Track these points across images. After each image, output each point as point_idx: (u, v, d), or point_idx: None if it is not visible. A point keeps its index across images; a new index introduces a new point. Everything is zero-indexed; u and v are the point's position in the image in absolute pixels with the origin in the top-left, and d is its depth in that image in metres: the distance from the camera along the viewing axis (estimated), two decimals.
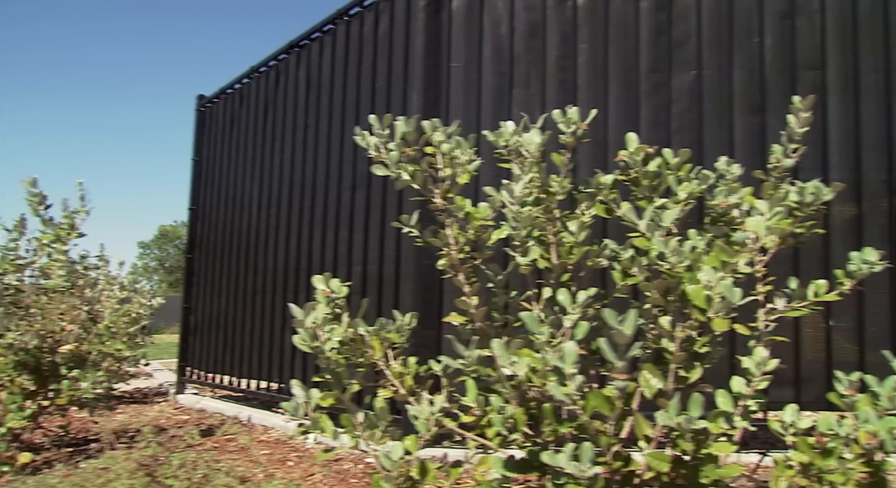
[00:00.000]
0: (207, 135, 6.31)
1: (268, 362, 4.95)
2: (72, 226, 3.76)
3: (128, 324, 4.30)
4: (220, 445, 3.79)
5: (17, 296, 3.79)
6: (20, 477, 3.15)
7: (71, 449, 3.75)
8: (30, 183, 3.69)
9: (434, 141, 2.11)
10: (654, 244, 1.72)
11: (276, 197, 5.07)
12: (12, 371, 3.45)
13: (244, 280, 5.42)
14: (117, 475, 2.59)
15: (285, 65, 5.17)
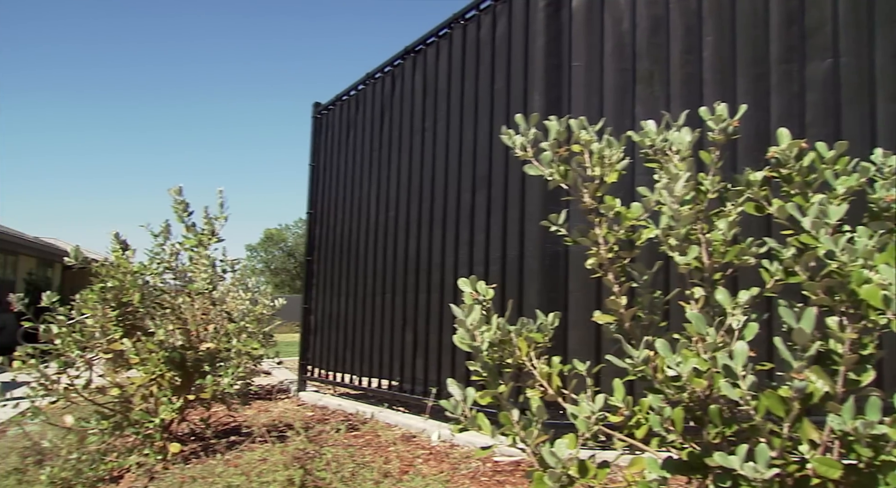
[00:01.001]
0: (324, 141, 6.54)
1: (388, 361, 5.08)
2: (212, 232, 4.00)
3: (255, 324, 4.51)
4: (351, 441, 3.92)
5: (162, 297, 4.05)
6: (179, 464, 3.38)
7: (214, 440, 3.98)
8: (175, 191, 3.95)
9: (582, 140, 2.12)
10: (822, 242, 1.66)
11: (394, 199, 5.20)
12: (163, 366, 3.69)
13: (363, 281, 5.58)
14: (274, 465, 2.73)
15: (401, 70, 5.29)
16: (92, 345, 3.73)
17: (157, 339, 3.70)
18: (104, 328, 3.77)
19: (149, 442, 3.72)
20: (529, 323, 2.12)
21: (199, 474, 2.91)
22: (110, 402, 3.84)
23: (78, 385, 3.61)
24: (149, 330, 3.79)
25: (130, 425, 3.77)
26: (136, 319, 3.84)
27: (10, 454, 4.25)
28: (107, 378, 3.88)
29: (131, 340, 3.72)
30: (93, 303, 3.76)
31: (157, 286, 4.01)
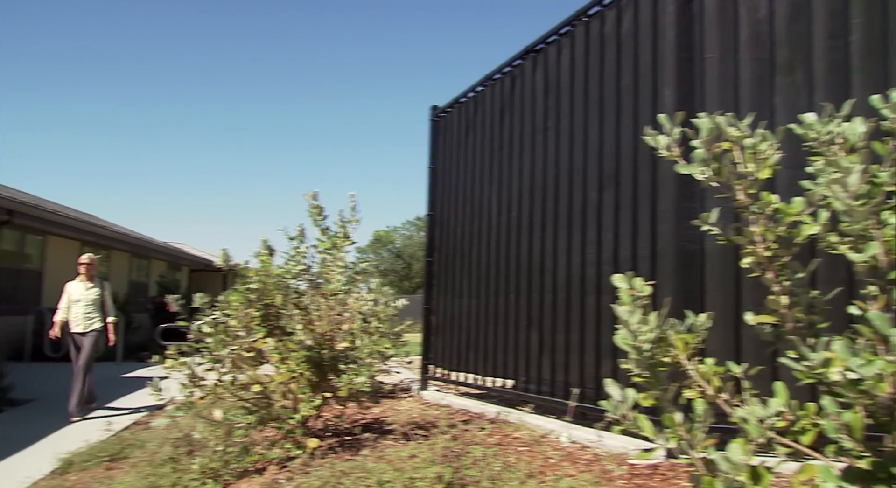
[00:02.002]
0: (442, 143, 6.64)
1: (512, 361, 5.09)
2: (345, 235, 4.14)
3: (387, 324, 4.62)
4: (481, 440, 3.95)
5: (299, 298, 4.23)
6: (318, 459, 3.52)
7: (349, 437, 4.12)
8: (311, 196, 4.12)
9: (732, 136, 2.05)
10: None
11: (516, 200, 5.20)
12: (303, 365, 3.85)
13: (485, 281, 5.61)
14: (423, 462, 2.80)
15: (521, 70, 5.29)
16: (237, 343, 3.94)
17: (296, 339, 3.87)
18: (248, 327, 3.97)
19: (290, 437, 3.89)
20: (678, 323, 2.08)
21: (348, 469, 3.02)
22: (253, 398, 4.05)
23: (226, 381, 3.82)
24: (288, 329, 3.97)
25: (273, 420, 3.96)
26: (277, 319, 4.03)
27: (165, 444, 4.55)
28: (248, 375, 4.09)
29: (274, 339, 3.90)
30: (237, 304, 3.97)
31: (295, 288, 4.19)
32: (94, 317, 7.80)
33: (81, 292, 7.84)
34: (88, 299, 7.82)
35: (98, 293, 7.91)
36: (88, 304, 7.81)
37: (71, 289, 7.92)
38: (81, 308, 7.78)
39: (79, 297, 7.81)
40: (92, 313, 7.79)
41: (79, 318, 7.75)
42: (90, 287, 7.90)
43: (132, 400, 9.26)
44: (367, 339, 4.19)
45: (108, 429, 6.96)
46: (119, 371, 12.53)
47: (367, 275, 4.68)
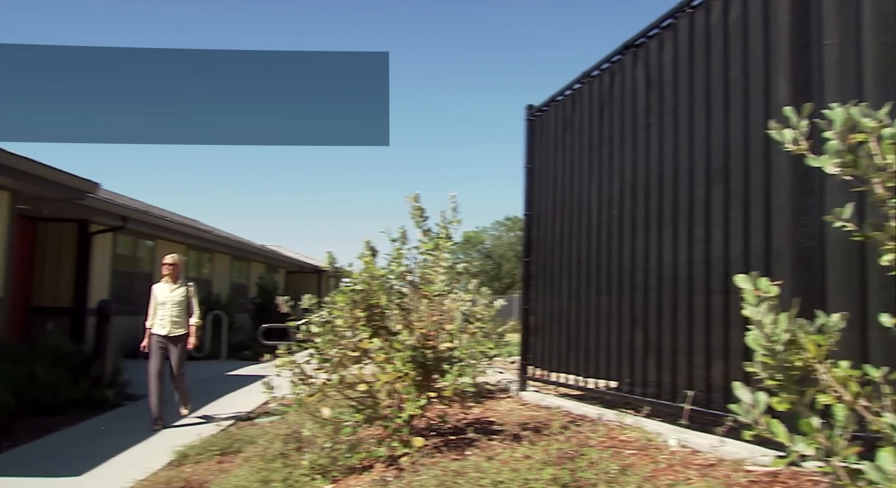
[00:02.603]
0: (539, 142, 6.59)
1: (615, 362, 4.99)
2: (448, 236, 4.17)
3: (490, 324, 4.63)
4: (596, 443, 3.88)
5: (402, 299, 4.28)
6: (424, 458, 3.56)
7: (453, 437, 4.15)
8: (413, 198, 4.17)
9: (867, 126, 1.93)
10: None
11: (617, 197, 5.10)
12: (408, 364, 3.90)
13: (585, 281, 5.53)
14: (539, 463, 2.79)
15: (620, 66, 5.18)
16: (343, 344, 4.03)
17: (401, 339, 3.92)
18: (353, 327, 4.05)
19: (396, 436, 3.94)
20: (807, 324, 1.97)
21: (460, 468, 3.03)
22: (359, 397, 4.13)
23: (334, 380, 3.92)
24: (392, 330, 4.03)
25: (379, 419, 4.03)
26: (381, 320, 4.10)
27: (275, 441, 4.71)
28: (354, 374, 4.17)
29: (380, 340, 3.97)
30: (342, 305, 4.06)
31: (398, 288, 4.25)
32: (179, 320, 7.65)
33: (166, 294, 7.67)
34: (173, 301, 7.64)
35: (183, 294, 7.72)
36: (174, 306, 7.63)
37: (156, 291, 7.76)
38: (167, 310, 7.61)
39: (164, 299, 7.64)
40: (177, 316, 7.63)
41: (164, 321, 7.59)
42: (175, 288, 7.71)
43: (237, 397, 9.65)
44: (470, 340, 4.20)
45: (218, 425, 7.28)
46: (223, 369, 13.09)
47: (467, 276, 4.69)
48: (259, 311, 19.71)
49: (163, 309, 7.58)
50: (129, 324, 12.98)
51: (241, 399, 9.45)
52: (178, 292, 7.67)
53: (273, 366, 4.39)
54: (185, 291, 7.73)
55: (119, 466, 5.87)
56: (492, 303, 5.73)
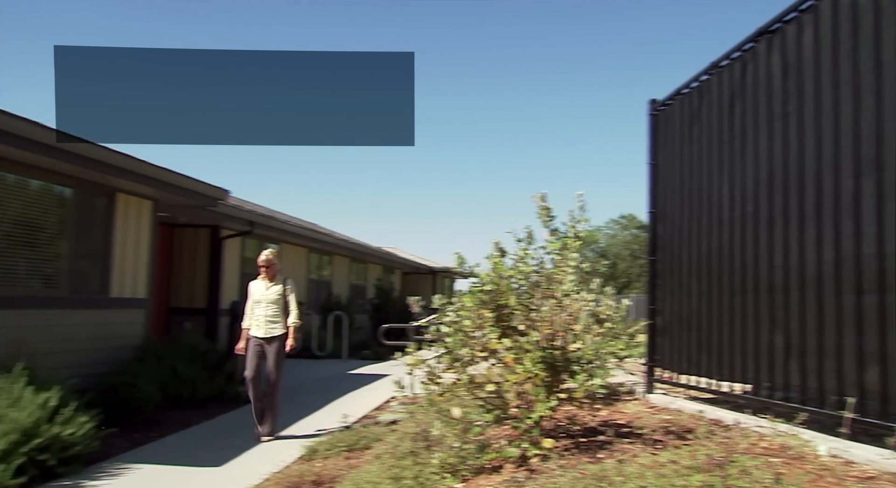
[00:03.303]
0: (663, 137, 6.38)
1: (753, 365, 4.75)
2: (576, 235, 4.11)
3: (621, 324, 4.52)
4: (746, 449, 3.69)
5: (531, 299, 4.25)
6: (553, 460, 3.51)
7: (583, 439, 4.08)
8: (540, 198, 4.14)
9: None
10: None
11: (752, 192, 4.85)
12: (538, 365, 3.87)
13: (717, 280, 5.30)
14: (686, 468, 2.70)
15: (753, 54, 4.93)
16: (472, 344, 4.05)
17: (531, 339, 3.89)
18: (481, 328, 4.06)
19: (526, 437, 3.91)
20: None
21: (599, 471, 2.97)
22: (487, 397, 4.13)
23: (463, 379, 3.94)
24: (521, 330, 4.01)
25: (508, 419, 4.01)
26: (510, 320, 4.08)
27: (405, 439, 4.79)
28: (483, 374, 4.17)
29: (510, 340, 3.96)
30: (470, 305, 4.08)
31: (526, 289, 4.23)
32: (276, 320, 7.11)
33: (262, 292, 7.16)
34: (269, 300, 7.10)
35: (279, 292, 7.16)
36: (270, 305, 7.10)
37: (252, 289, 7.29)
38: (262, 310, 7.09)
39: (259, 298, 7.14)
40: (274, 316, 7.10)
41: (259, 321, 7.08)
42: (270, 286, 7.16)
43: (359, 395, 9.93)
44: (599, 340, 4.11)
45: (344, 422, 7.50)
46: (345, 367, 13.51)
47: (594, 276, 4.60)
48: (377, 312, 20.23)
49: (258, 308, 7.12)
50: None
51: (363, 397, 9.72)
52: (274, 290, 7.15)
53: (396, 364, 4.47)
54: (282, 289, 7.20)
55: (254, 459, 6.17)
56: (619, 303, 5.60)
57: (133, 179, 8.27)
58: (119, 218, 8.88)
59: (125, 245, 9.01)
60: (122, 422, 7.11)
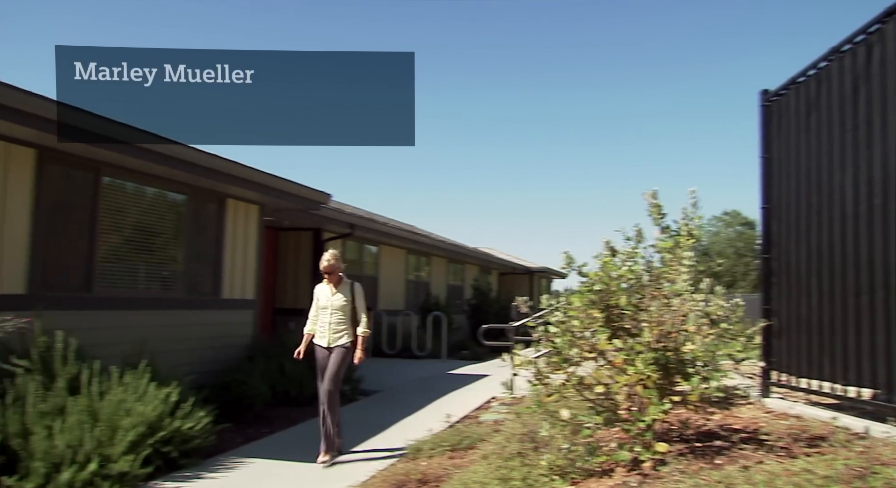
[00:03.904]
0: (776, 129, 6.08)
1: (884, 369, 4.44)
2: (689, 233, 3.96)
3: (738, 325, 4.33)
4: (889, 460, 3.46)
5: (641, 299, 4.13)
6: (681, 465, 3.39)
7: (698, 444, 3.92)
8: (651, 195, 4.02)
9: None
10: None
11: (880, 185, 4.54)
12: (650, 366, 3.75)
13: (840, 278, 4.99)
14: (822, 478, 2.54)
15: (879, 36, 4.62)
16: (579, 344, 3.97)
17: (643, 340, 3.78)
18: (589, 328, 3.98)
19: (638, 440, 3.80)
20: None
21: (724, 478, 2.85)
22: (597, 398, 4.04)
23: (572, 381, 3.87)
24: (632, 331, 3.90)
25: (618, 421, 3.91)
26: (620, 321, 3.98)
27: (512, 440, 4.76)
28: (592, 375, 4.09)
29: (620, 341, 3.86)
30: (578, 305, 4.00)
31: (636, 288, 4.11)
32: (341, 328, 6.38)
33: (327, 298, 6.46)
34: (335, 306, 6.40)
35: (346, 299, 6.43)
36: (335, 312, 6.39)
37: (317, 293, 6.59)
38: (327, 317, 6.40)
39: (325, 304, 6.45)
40: (339, 323, 6.38)
41: (323, 329, 6.41)
42: (336, 292, 6.46)
43: (459, 395, 9.96)
44: (714, 341, 3.95)
45: (447, 421, 7.54)
46: (444, 368, 13.60)
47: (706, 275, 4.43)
48: (475, 312, 20.28)
49: (324, 315, 6.42)
50: None
51: (463, 397, 9.74)
52: (340, 296, 6.42)
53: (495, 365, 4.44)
54: (349, 295, 6.45)
55: (360, 456, 6.29)
56: (732, 303, 5.37)
57: (242, 185, 8.63)
58: (229, 222, 9.27)
59: (234, 248, 9.41)
60: (234, 418, 7.40)
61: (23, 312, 5.42)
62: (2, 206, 6.20)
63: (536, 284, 27.76)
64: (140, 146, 6.76)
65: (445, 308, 17.41)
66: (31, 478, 4.75)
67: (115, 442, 5.18)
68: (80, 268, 7.04)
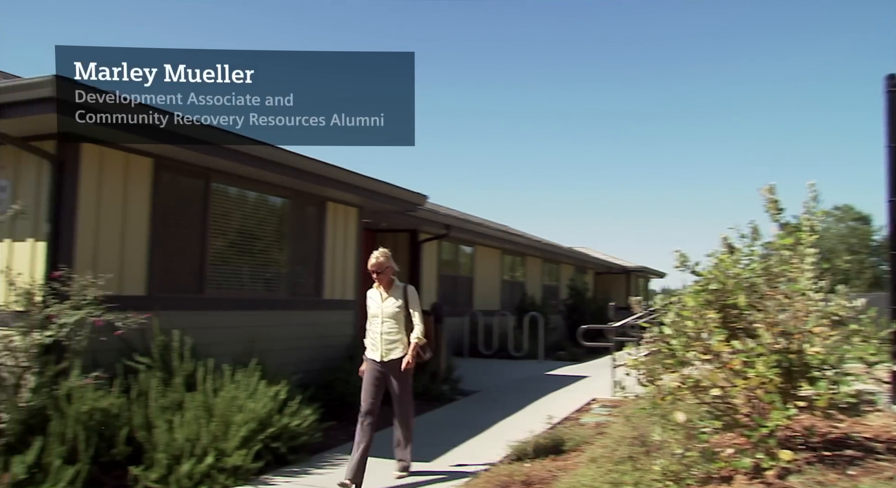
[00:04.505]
0: None
1: None
2: (811, 229, 3.74)
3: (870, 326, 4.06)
4: None
5: (760, 299, 3.93)
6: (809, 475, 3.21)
7: (827, 453, 3.70)
8: (767, 190, 3.82)
9: None
10: None
11: None
12: (773, 369, 3.56)
13: None
14: None
15: None
16: (693, 346, 3.81)
17: (765, 342, 3.59)
18: (704, 329, 3.82)
19: (761, 447, 3.62)
20: None
21: None
22: (713, 402, 3.88)
23: (688, 383, 3.72)
24: (752, 332, 3.71)
25: (738, 427, 3.74)
26: (738, 321, 3.80)
27: (621, 444, 4.64)
28: (707, 378, 3.92)
29: (740, 342, 3.68)
30: (693, 306, 3.85)
31: (755, 287, 3.91)
32: (396, 339, 5.51)
33: (377, 304, 5.60)
34: (387, 313, 5.52)
35: (398, 305, 5.54)
36: (387, 320, 5.52)
37: (369, 300, 5.73)
38: (378, 326, 5.54)
39: (375, 312, 5.59)
40: (393, 333, 5.51)
41: (375, 341, 5.55)
42: (387, 297, 5.57)
43: (559, 396, 9.82)
44: (837, 343, 3.71)
45: (548, 422, 7.44)
46: (542, 369, 13.46)
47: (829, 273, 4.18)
48: (571, 312, 20.01)
49: (374, 324, 5.57)
50: (455, 324, 14.01)
51: (562, 398, 9.61)
52: (392, 302, 5.55)
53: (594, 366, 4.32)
54: (402, 300, 5.57)
55: (461, 456, 6.28)
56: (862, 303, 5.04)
57: (342, 188, 8.82)
58: (329, 225, 9.49)
59: (335, 250, 9.62)
60: (337, 416, 7.54)
61: (143, 312, 5.71)
62: (124, 213, 6.58)
63: (633, 284, 27.12)
64: (247, 152, 7.00)
65: (541, 308, 17.26)
66: (154, 469, 4.99)
67: (228, 437, 5.38)
68: (193, 270, 7.37)
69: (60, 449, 4.71)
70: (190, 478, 4.99)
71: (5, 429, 4.78)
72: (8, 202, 6.09)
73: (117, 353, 5.92)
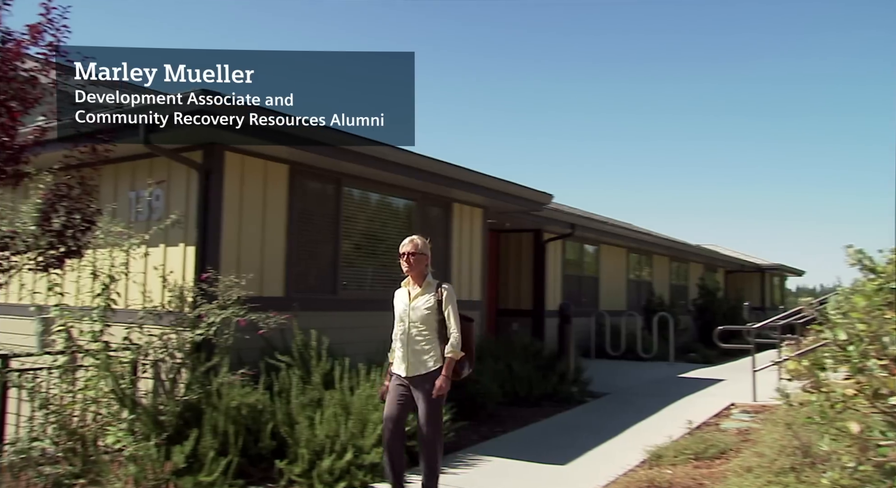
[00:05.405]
0: None
1: None
2: None
3: None
4: None
5: None
6: None
7: None
8: None
9: None
10: None
11: None
12: None
13: None
14: None
15: None
16: (869, 350, 3.48)
17: None
18: (878, 332, 3.47)
19: None
20: None
21: None
22: (892, 411, 3.52)
23: (865, 391, 3.40)
24: None
25: None
26: None
27: (781, 455, 4.33)
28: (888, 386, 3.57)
29: None
30: (864, 306, 3.51)
31: None
32: (427, 348, 4.43)
33: (404, 305, 4.55)
34: (416, 316, 4.46)
35: (430, 305, 4.46)
36: (415, 325, 4.46)
37: (395, 301, 4.68)
38: (405, 334, 4.50)
39: (401, 315, 4.55)
40: (424, 342, 4.44)
41: (400, 351, 4.52)
42: (418, 295, 4.52)
43: (695, 399, 9.39)
44: None
45: (686, 427, 7.11)
46: (673, 371, 12.96)
47: None
48: (701, 313, 19.17)
49: (400, 330, 4.53)
50: (580, 325, 13.73)
51: (698, 402, 9.18)
52: (423, 301, 4.48)
53: (729, 368, 4.03)
54: (435, 299, 4.47)
55: (596, 459, 6.10)
56: None
57: (468, 189, 8.82)
58: (455, 225, 9.52)
59: (461, 251, 9.64)
60: (468, 416, 7.53)
61: (282, 312, 5.91)
62: (263, 218, 6.85)
63: (768, 283, 25.66)
64: (377, 156, 7.13)
65: (670, 308, 16.63)
66: (298, 464, 5.14)
67: (365, 435, 5.46)
68: (327, 272, 7.58)
69: (213, 442, 4.93)
70: (331, 474, 5.10)
71: (166, 421, 5.06)
72: (162, 209, 6.49)
73: (259, 352, 6.17)
